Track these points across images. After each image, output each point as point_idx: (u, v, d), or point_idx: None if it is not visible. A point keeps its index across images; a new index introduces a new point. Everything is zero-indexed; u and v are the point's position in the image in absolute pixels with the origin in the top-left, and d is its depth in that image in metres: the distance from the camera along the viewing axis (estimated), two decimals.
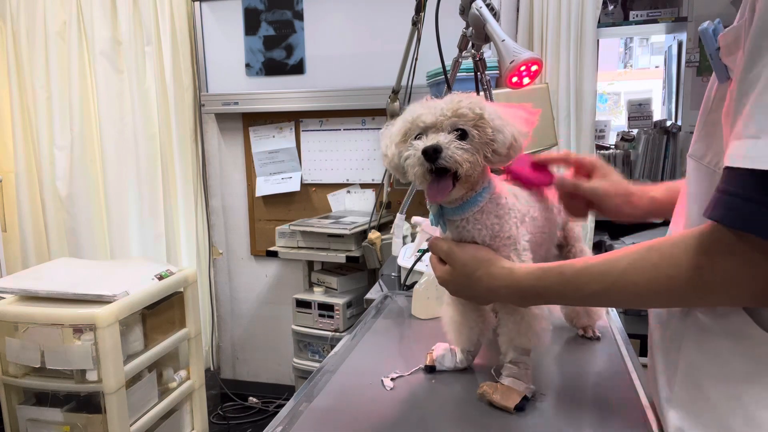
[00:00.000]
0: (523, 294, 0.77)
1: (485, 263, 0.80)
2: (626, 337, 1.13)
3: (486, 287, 0.80)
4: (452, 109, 0.78)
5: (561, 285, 0.71)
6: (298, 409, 0.90)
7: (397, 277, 1.67)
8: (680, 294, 0.58)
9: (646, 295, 0.61)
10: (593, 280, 0.66)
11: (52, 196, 2.85)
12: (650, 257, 0.60)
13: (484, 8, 1.33)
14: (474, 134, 0.77)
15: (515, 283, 0.77)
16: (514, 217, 0.84)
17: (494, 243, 0.82)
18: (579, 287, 0.68)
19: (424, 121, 0.79)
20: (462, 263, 0.82)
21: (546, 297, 0.76)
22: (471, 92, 0.82)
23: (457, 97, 0.80)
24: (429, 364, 1.00)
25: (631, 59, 5.01)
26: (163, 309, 2.08)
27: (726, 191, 0.52)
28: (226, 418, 2.92)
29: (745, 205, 0.50)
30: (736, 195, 0.51)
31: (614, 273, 0.64)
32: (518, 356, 0.88)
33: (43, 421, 1.90)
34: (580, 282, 0.68)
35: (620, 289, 0.63)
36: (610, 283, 0.64)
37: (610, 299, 0.67)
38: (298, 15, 2.72)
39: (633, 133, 2.78)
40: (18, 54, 2.79)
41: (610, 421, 0.84)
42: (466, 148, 0.76)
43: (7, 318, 1.86)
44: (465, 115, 0.77)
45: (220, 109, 2.88)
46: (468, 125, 0.77)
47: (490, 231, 0.82)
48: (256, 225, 3.01)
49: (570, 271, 0.70)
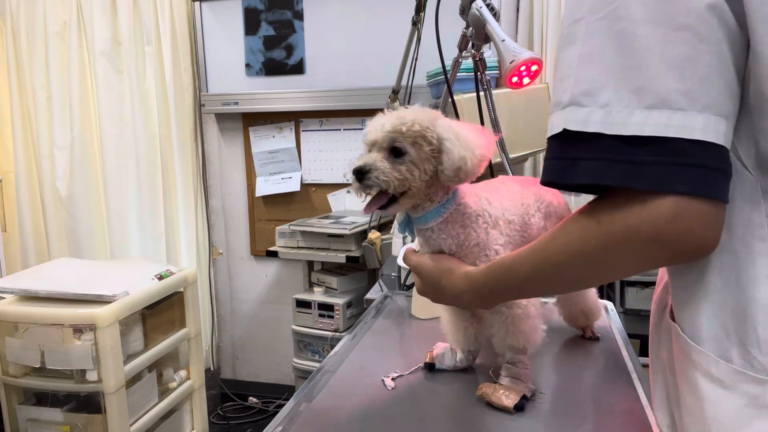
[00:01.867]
0: (480, 294, 0.78)
1: (446, 273, 0.83)
2: (626, 337, 1.13)
3: (451, 295, 0.82)
4: (392, 125, 0.79)
5: (504, 274, 0.72)
6: (298, 409, 0.90)
7: (397, 277, 1.67)
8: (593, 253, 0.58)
9: (567, 263, 0.61)
10: (525, 261, 0.67)
11: (52, 196, 2.85)
12: (566, 225, 0.61)
13: (484, 8, 1.33)
14: (410, 151, 0.78)
15: (472, 285, 0.78)
16: (484, 223, 0.84)
17: (461, 251, 0.84)
18: (517, 273, 0.69)
19: (368, 138, 0.82)
20: (427, 275, 0.85)
21: (498, 291, 0.76)
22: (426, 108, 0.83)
23: (405, 112, 0.81)
24: (429, 362, 1.01)
25: None
26: (163, 309, 2.08)
27: (544, 159, 0.59)
28: (226, 418, 2.92)
29: (552, 164, 0.57)
30: (546, 159, 0.58)
31: (539, 248, 0.65)
32: (515, 356, 0.89)
33: (43, 421, 1.90)
34: (516, 267, 0.69)
35: (545, 263, 0.64)
36: (535, 260, 0.65)
37: (540, 278, 0.67)
38: (298, 15, 2.72)
39: None
40: (18, 54, 2.79)
41: (610, 421, 0.84)
42: (399, 165, 0.78)
43: (7, 318, 1.86)
44: (402, 132, 0.78)
45: (220, 109, 2.88)
46: (405, 142, 0.78)
47: (456, 240, 0.84)
48: (256, 225, 3.01)
49: (509, 259, 0.70)
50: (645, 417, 0.82)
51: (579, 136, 0.54)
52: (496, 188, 0.91)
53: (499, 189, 0.91)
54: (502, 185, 0.93)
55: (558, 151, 0.57)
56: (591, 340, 1.12)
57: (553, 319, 1.15)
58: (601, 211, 0.56)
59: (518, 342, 0.87)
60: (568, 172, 0.55)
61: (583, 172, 0.53)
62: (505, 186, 0.93)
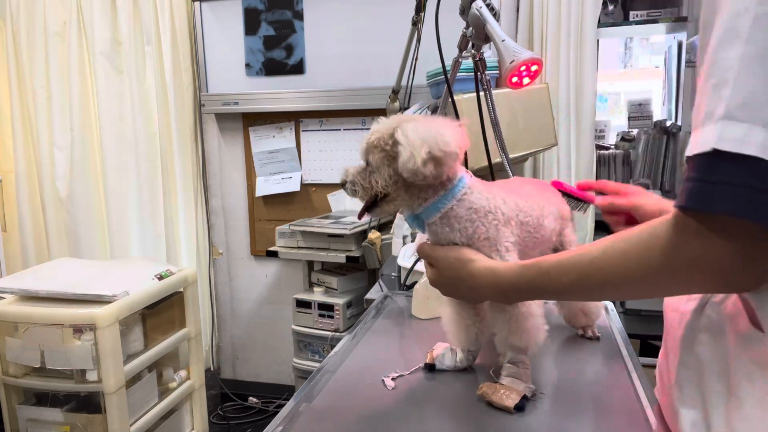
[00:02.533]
0: (504, 291, 0.79)
1: (468, 263, 0.83)
2: (626, 337, 1.13)
3: (470, 287, 0.83)
4: (366, 138, 0.86)
5: (538, 279, 0.72)
6: (298, 409, 0.90)
7: (397, 277, 1.67)
8: (647, 279, 0.58)
9: (615, 282, 0.61)
10: (566, 271, 0.67)
11: (52, 196, 2.85)
12: (619, 245, 0.60)
13: (484, 8, 1.33)
14: (370, 160, 0.86)
15: (496, 281, 0.79)
16: (494, 220, 0.86)
17: (472, 244, 0.85)
18: (553, 280, 0.69)
19: (360, 149, 0.88)
20: (446, 265, 0.85)
21: (526, 292, 0.77)
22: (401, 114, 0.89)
23: (378, 124, 0.86)
24: (429, 363, 1.01)
25: (631, 59, 5.00)
26: (163, 309, 2.08)
27: (688, 178, 0.53)
28: (226, 418, 2.92)
29: (697, 186, 0.51)
30: (689, 179, 0.52)
31: (585, 262, 0.64)
32: (516, 355, 0.89)
33: (43, 421, 1.90)
34: (554, 274, 0.69)
35: (591, 278, 0.64)
36: (581, 273, 0.65)
37: (583, 289, 0.68)
38: (298, 15, 2.72)
39: (633, 133, 2.77)
40: (18, 54, 2.79)
41: (610, 420, 0.84)
42: (365, 175, 0.86)
43: (7, 318, 1.86)
44: (368, 143, 0.86)
45: (220, 109, 2.88)
46: (369, 153, 0.86)
47: (464, 233, 0.85)
48: (256, 225, 3.01)
49: (546, 265, 0.70)
50: (645, 417, 0.82)
51: (732, 157, 0.47)
52: (515, 189, 0.92)
53: (519, 190, 0.92)
54: (521, 187, 0.95)
55: (704, 171, 0.50)
56: (591, 339, 1.12)
57: (553, 319, 1.15)
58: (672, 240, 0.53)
59: (521, 341, 0.87)
60: (714, 198, 0.49)
61: (728, 202, 0.48)
62: (524, 188, 0.95)
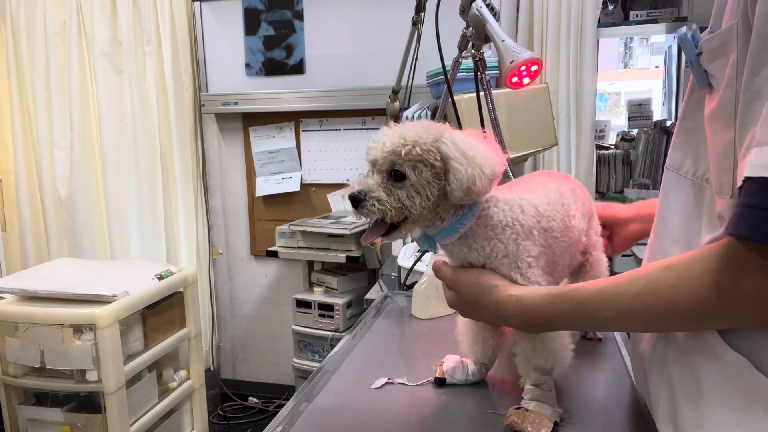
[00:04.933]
0: (533, 322, 0.73)
1: (489, 290, 0.76)
2: (626, 337, 1.13)
3: (493, 315, 0.77)
4: (392, 146, 0.73)
5: (572, 311, 0.68)
6: (298, 409, 0.89)
7: (397, 277, 1.67)
8: (700, 316, 0.56)
9: (664, 319, 0.58)
10: (606, 305, 0.63)
11: (52, 196, 2.85)
12: (667, 279, 0.56)
13: (484, 8, 1.33)
14: (411, 176, 0.72)
15: (524, 311, 0.73)
16: (513, 233, 0.77)
17: (490, 263, 0.78)
18: (591, 314, 0.65)
19: (369, 156, 0.75)
20: (466, 290, 0.78)
21: (557, 324, 0.73)
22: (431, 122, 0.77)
23: (407, 130, 0.74)
24: (439, 377, 0.95)
25: (631, 59, 5.00)
26: (163, 309, 2.08)
27: (750, 204, 0.48)
28: (226, 418, 2.92)
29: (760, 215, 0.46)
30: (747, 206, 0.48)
31: (628, 297, 0.60)
32: (539, 377, 0.82)
33: (43, 421, 1.90)
34: (592, 308, 0.65)
35: (635, 314, 0.60)
36: (624, 309, 0.61)
37: (625, 325, 0.64)
38: (298, 15, 2.72)
39: (633, 133, 2.78)
40: (18, 54, 2.79)
41: (610, 421, 0.84)
42: (396, 192, 0.73)
43: (7, 318, 1.86)
44: (402, 155, 0.72)
45: (220, 109, 2.88)
46: (406, 165, 0.72)
47: (481, 253, 0.77)
48: (256, 225, 3.01)
49: (581, 297, 0.66)
50: (645, 417, 0.82)
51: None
52: (532, 188, 0.83)
53: (536, 190, 0.83)
54: (540, 186, 0.85)
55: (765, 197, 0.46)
56: (592, 340, 1.12)
57: None
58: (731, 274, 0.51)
59: (546, 362, 0.80)
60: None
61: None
62: (543, 186, 0.85)
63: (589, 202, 0.95)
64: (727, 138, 0.54)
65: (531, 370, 0.82)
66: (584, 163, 2.37)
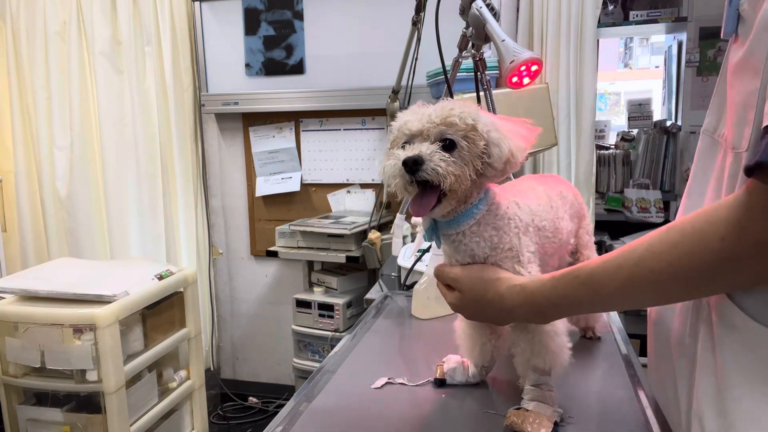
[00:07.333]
0: (540, 309, 0.71)
1: (494, 284, 0.75)
2: (626, 336, 1.13)
3: (499, 309, 0.75)
4: (441, 117, 0.73)
5: (577, 290, 0.65)
6: (298, 409, 0.90)
7: (397, 277, 1.67)
8: (704, 272, 0.53)
9: (666, 282, 0.55)
10: (609, 277, 0.61)
11: (52, 196, 2.85)
12: (669, 237, 0.55)
13: (484, 8, 1.33)
14: (463, 145, 0.72)
15: (529, 299, 0.71)
16: (515, 227, 0.78)
17: (495, 255, 0.77)
18: (596, 289, 0.63)
19: (410, 129, 0.74)
20: (470, 287, 0.77)
21: (564, 307, 0.70)
22: (467, 100, 0.79)
23: (450, 104, 0.75)
24: (439, 378, 0.95)
25: (631, 59, 5.00)
26: (163, 309, 2.08)
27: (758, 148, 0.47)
28: (226, 418, 2.91)
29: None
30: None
31: (630, 264, 0.58)
32: (538, 378, 0.82)
33: (43, 421, 1.90)
34: (596, 282, 0.63)
35: (638, 281, 0.58)
36: (626, 277, 0.59)
37: (630, 297, 0.61)
38: (298, 15, 2.72)
39: (633, 133, 2.78)
40: (18, 54, 2.79)
41: (610, 421, 0.84)
42: (453, 160, 0.72)
43: (7, 318, 1.86)
44: (455, 125, 0.72)
45: (220, 109, 2.88)
46: (457, 135, 0.72)
47: (489, 243, 0.77)
48: (256, 225, 3.01)
49: (584, 274, 0.64)
50: (645, 417, 0.82)
51: None
52: (522, 191, 0.84)
53: (526, 192, 0.84)
54: (529, 189, 0.86)
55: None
56: (591, 340, 1.12)
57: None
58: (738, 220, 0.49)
59: (545, 363, 0.80)
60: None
61: None
62: (532, 189, 0.86)
63: (579, 203, 0.96)
64: (751, 87, 0.52)
65: (529, 371, 0.82)
66: (584, 163, 2.37)
